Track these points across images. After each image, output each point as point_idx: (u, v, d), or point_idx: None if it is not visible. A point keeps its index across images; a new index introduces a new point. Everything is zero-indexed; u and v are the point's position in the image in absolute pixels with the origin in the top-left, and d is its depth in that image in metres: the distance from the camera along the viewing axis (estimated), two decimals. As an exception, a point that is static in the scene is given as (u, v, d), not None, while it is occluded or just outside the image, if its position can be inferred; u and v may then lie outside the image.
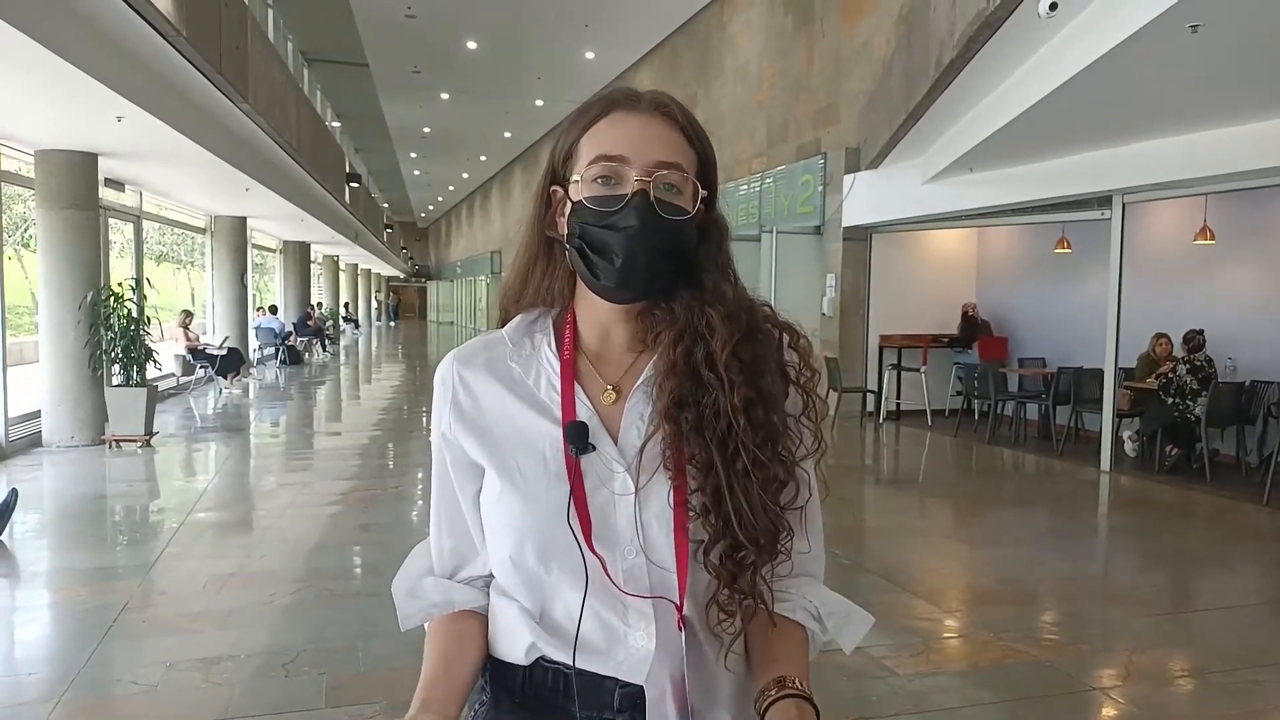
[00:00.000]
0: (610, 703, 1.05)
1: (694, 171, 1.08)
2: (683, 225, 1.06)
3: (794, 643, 1.08)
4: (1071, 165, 7.93)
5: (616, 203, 1.04)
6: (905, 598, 4.55)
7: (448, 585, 1.16)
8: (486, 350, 1.15)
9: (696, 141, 1.10)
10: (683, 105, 1.11)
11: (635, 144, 1.05)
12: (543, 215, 1.14)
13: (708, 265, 1.10)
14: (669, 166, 1.05)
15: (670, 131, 1.08)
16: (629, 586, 1.03)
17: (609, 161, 1.05)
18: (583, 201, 1.06)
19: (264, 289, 22.45)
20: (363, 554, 5.40)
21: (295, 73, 16.31)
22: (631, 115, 1.08)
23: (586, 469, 1.05)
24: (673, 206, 1.05)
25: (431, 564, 1.19)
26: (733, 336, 1.05)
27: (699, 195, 1.08)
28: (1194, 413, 7.70)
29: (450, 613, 1.14)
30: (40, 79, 6.25)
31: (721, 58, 14.35)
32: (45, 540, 5.69)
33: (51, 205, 8.52)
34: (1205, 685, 3.68)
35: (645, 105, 1.09)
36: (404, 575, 1.19)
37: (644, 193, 1.03)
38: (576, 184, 1.07)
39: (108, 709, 3.29)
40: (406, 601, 1.16)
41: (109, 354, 8.53)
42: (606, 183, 1.05)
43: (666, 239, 1.04)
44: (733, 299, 1.09)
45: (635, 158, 1.04)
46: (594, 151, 1.06)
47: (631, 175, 1.04)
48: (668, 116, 1.08)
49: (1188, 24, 4.65)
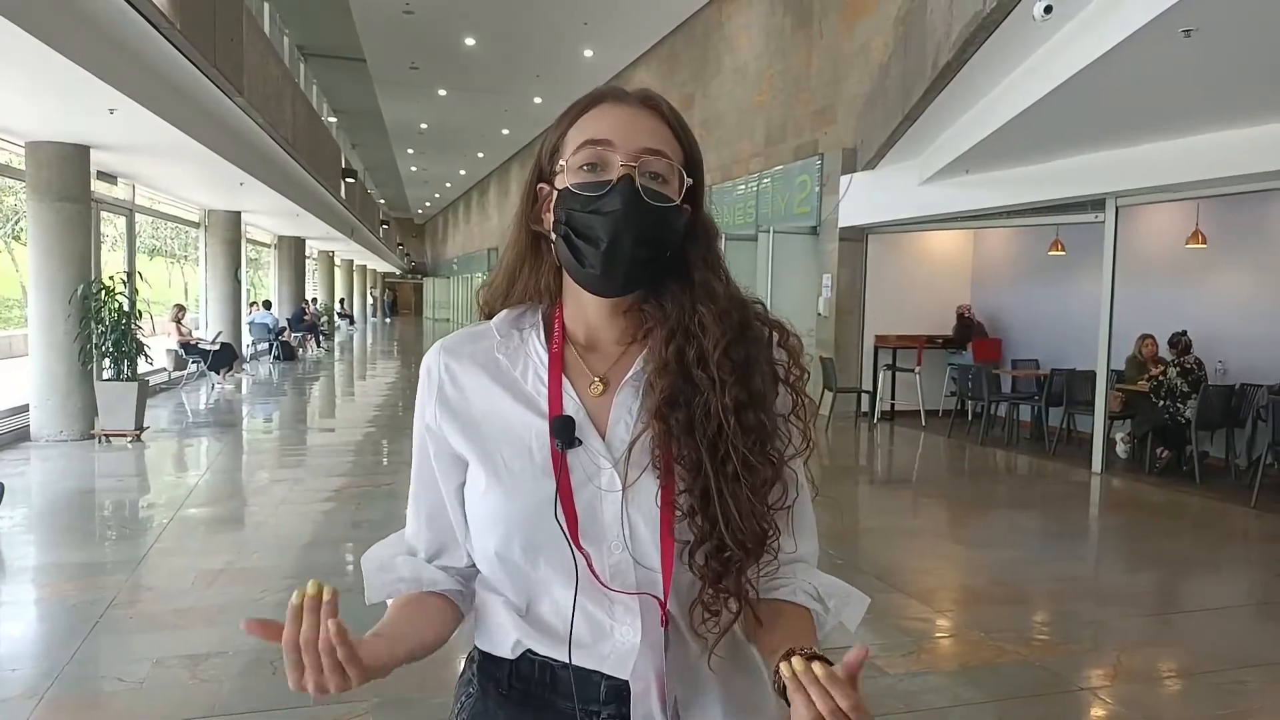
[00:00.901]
0: (596, 695, 1.05)
1: (680, 165, 1.07)
2: (668, 212, 1.05)
3: (800, 622, 1.08)
4: (1066, 168, 7.95)
5: (602, 187, 1.03)
6: (897, 598, 4.55)
7: (420, 564, 1.14)
8: (473, 342, 1.14)
9: (683, 137, 1.09)
10: (670, 104, 1.11)
11: (622, 131, 1.05)
12: (529, 211, 1.13)
13: (697, 264, 1.09)
14: (655, 153, 1.04)
15: (657, 123, 1.07)
16: (615, 582, 1.02)
17: (595, 146, 1.04)
18: (569, 188, 1.05)
19: (258, 284, 22.40)
20: (354, 551, 5.37)
21: (291, 67, 16.27)
22: (619, 106, 1.08)
23: (573, 464, 1.04)
24: (658, 194, 1.04)
25: (405, 549, 1.17)
26: (725, 335, 1.05)
27: (684, 186, 1.07)
28: (1184, 415, 7.72)
29: (417, 591, 1.12)
30: (32, 70, 6.22)
31: (720, 57, 14.35)
32: (32, 535, 5.66)
33: (42, 197, 8.47)
34: (1193, 685, 3.69)
35: (632, 98, 1.09)
36: (376, 551, 1.18)
37: (629, 177, 1.02)
38: (563, 173, 1.07)
39: (93, 705, 3.27)
40: (375, 574, 1.14)
41: (99, 348, 8.50)
42: (593, 170, 1.04)
43: (651, 224, 1.03)
44: (724, 296, 1.08)
45: (621, 143, 1.04)
46: (580, 139, 1.06)
47: (617, 161, 1.03)
48: (655, 110, 1.08)
49: (1180, 29, 4.67)
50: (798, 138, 11.95)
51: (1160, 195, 7.71)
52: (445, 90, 21.21)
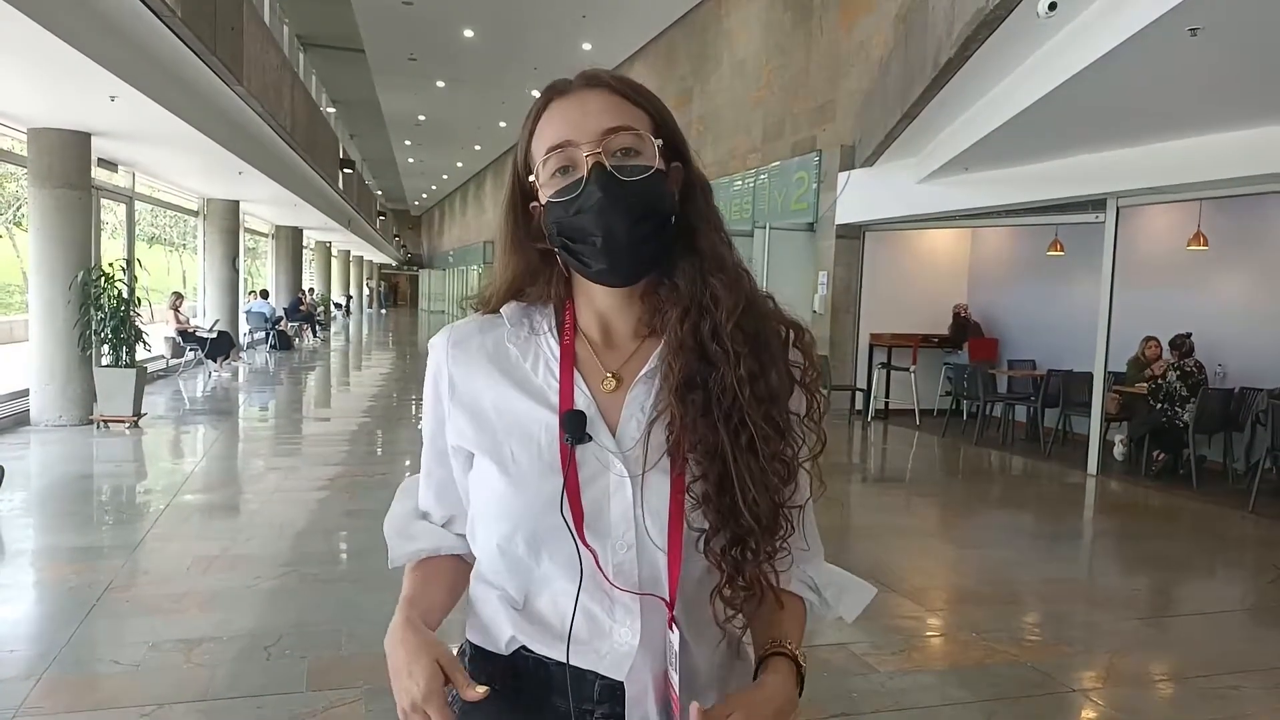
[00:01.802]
0: (590, 694, 1.05)
1: (648, 129, 1.05)
2: (650, 183, 1.03)
3: (790, 612, 1.10)
4: (1066, 168, 7.94)
5: (576, 187, 1.02)
6: (889, 596, 4.56)
7: (439, 531, 1.17)
8: (482, 332, 1.13)
9: (641, 100, 1.07)
10: (615, 73, 1.08)
11: (576, 123, 1.03)
12: (524, 228, 1.11)
13: (699, 224, 1.08)
14: (615, 130, 1.02)
15: (608, 98, 1.05)
16: (618, 581, 1.02)
17: (557, 149, 1.03)
18: (550, 200, 1.04)
19: (255, 273, 22.36)
20: (348, 540, 5.39)
21: (291, 57, 16.22)
22: (565, 99, 1.06)
23: (581, 459, 1.03)
24: (633, 168, 1.02)
25: (420, 509, 1.20)
26: (737, 306, 1.04)
27: (658, 147, 1.05)
28: (1182, 419, 7.73)
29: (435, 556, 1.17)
30: (34, 57, 6.20)
31: (719, 52, 14.32)
32: (30, 519, 5.66)
33: (43, 184, 8.47)
34: (1185, 689, 3.70)
35: (576, 84, 1.07)
36: (394, 517, 1.21)
37: (599, 165, 1.01)
38: (541, 187, 1.06)
39: (89, 687, 3.28)
40: (398, 542, 1.18)
41: (99, 334, 8.50)
42: (565, 173, 1.03)
43: (638, 200, 1.02)
44: (731, 264, 1.08)
45: (579, 135, 1.02)
46: (543, 148, 1.05)
47: (582, 154, 1.02)
48: (600, 85, 1.06)
49: (1187, 27, 4.64)
50: (796, 134, 11.94)
51: (1162, 196, 7.71)
52: (443, 82, 21.15)
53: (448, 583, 1.16)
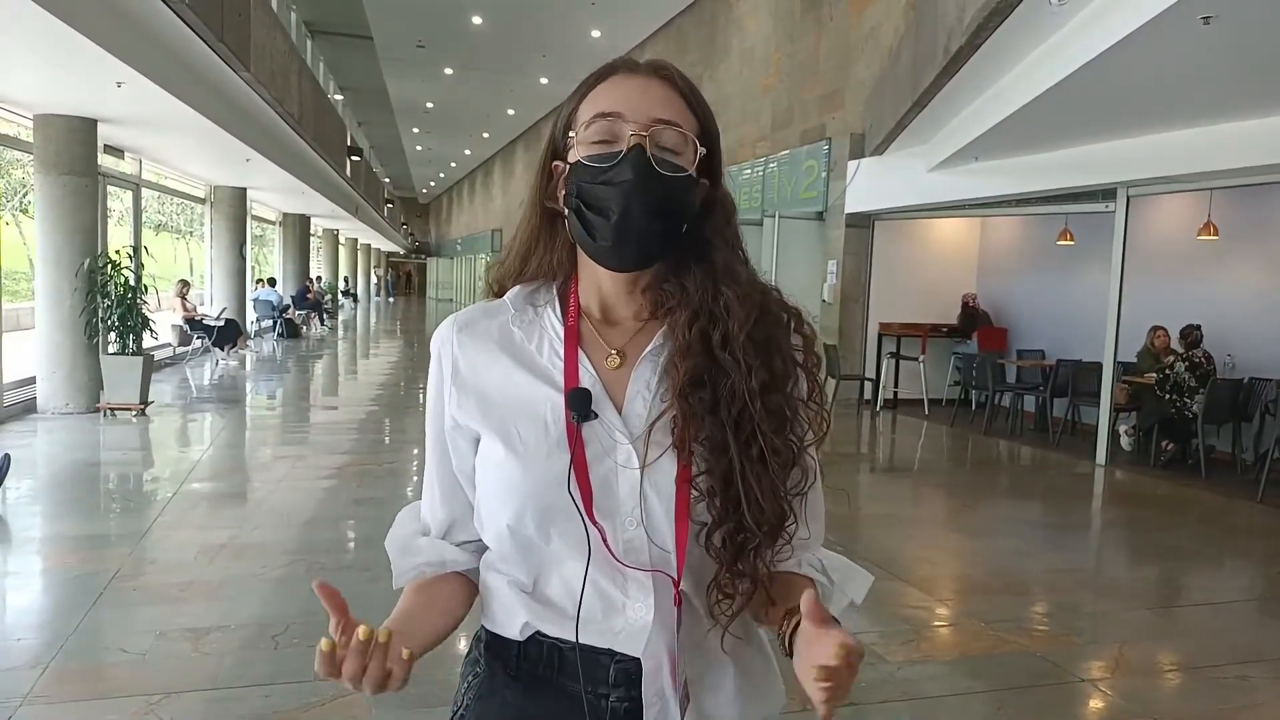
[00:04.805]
0: (605, 678, 1.04)
1: (695, 136, 1.06)
2: (681, 183, 1.04)
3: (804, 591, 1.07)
4: (1077, 156, 7.89)
5: (612, 158, 1.02)
6: (897, 586, 4.55)
7: (442, 545, 1.15)
8: (487, 316, 1.13)
9: (698, 108, 1.07)
10: (684, 74, 1.09)
11: (633, 102, 1.04)
12: (543, 188, 1.11)
13: (716, 241, 1.08)
14: (667, 124, 1.03)
15: (670, 93, 1.06)
16: (628, 559, 1.01)
17: (605, 118, 1.03)
18: (580, 161, 1.04)
19: (263, 261, 22.39)
20: (356, 528, 5.40)
21: (298, 44, 16.19)
22: (630, 77, 1.06)
23: (589, 437, 1.03)
24: (671, 164, 1.02)
25: (422, 527, 1.18)
26: (749, 318, 1.04)
27: (699, 156, 1.05)
28: (1191, 409, 7.70)
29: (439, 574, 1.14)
30: (40, 43, 6.19)
31: (728, 40, 14.26)
32: (38, 506, 5.68)
33: (50, 171, 8.47)
34: (1193, 679, 3.69)
35: (645, 69, 1.07)
36: (397, 533, 1.18)
37: (640, 147, 1.01)
38: (575, 147, 1.05)
39: (96, 676, 3.29)
40: (401, 559, 1.15)
41: (105, 322, 8.50)
42: (604, 142, 1.03)
43: (663, 194, 1.02)
44: (746, 279, 1.08)
45: (632, 114, 1.03)
46: (591, 112, 1.05)
47: (628, 132, 1.02)
48: (667, 80, 1.07)
49: (1200, 15, 4.60)
50: (805, 122, 11.88)
51: (1173, 185, 7.65)
52: (452, 69, 21.11)
53: (444, 606, 1.12)
